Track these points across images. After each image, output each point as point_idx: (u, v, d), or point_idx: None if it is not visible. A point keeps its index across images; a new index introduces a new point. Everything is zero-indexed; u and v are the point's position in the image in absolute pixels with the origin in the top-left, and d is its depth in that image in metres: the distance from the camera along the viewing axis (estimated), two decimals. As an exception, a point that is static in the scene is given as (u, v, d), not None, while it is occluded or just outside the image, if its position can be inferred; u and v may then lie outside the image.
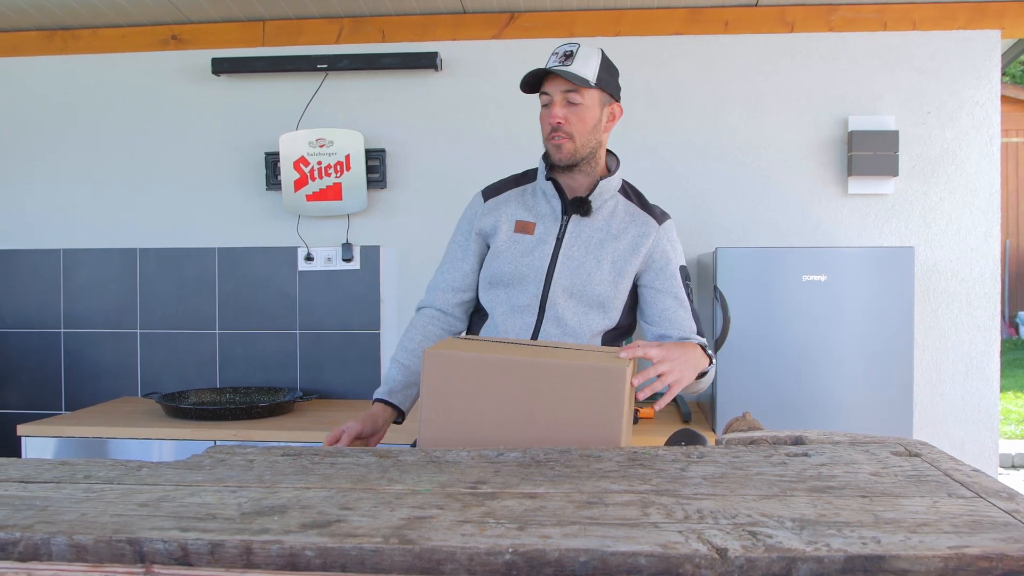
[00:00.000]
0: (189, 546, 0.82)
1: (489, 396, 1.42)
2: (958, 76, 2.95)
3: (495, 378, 1.42)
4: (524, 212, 1.88)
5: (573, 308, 1.80)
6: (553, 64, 1.76)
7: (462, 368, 1.43)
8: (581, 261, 1.82)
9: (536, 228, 1.85)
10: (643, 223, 1.86)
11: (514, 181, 1.95)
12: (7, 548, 0.84)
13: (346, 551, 0.81)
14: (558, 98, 1.77)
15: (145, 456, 2.55)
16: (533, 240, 1.84)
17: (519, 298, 1.82)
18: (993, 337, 2.96)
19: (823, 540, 0.83)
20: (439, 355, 1.44)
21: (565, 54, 1.76)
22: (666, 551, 0.80)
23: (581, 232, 1.84)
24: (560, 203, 1.86)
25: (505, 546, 0.80)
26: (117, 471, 1.10)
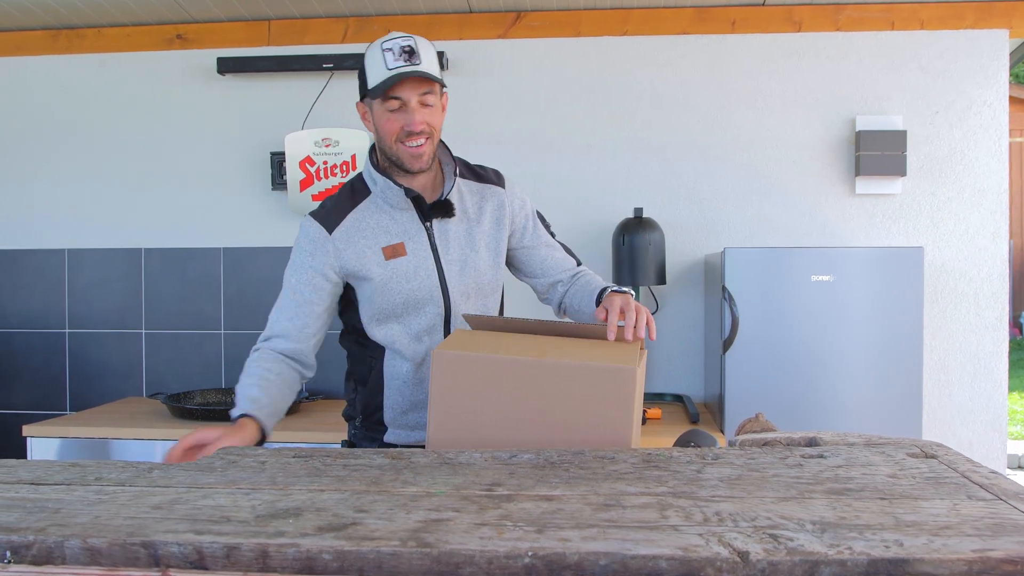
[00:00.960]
0: (204, 549, 0.81)
1: (498, 396, 1.41)
2: (966, 76, 2.94)
3: (504, 378, 1.41)
4: (382, 234, 1.70)
5: (471, 306, 1.76)
6: (400, 65, 1.58)
7: (471, 368, 1.42)
8: (463, 260, 1.75)
9: (407, 247, 1.70)
10: (491, 194, 1.80)
11: (348, 201, 1.74)
12: (20, 551, 0.83)
13: (363, 554, 0.80)
14: (415, 101, 1.61)
15: (152, 457, 2.55)
16: (410, 262, 1.70)
17: (419, 323, 1.73)
18: (1001, 337, 2.95)
19: (845, 543, 0.82)
20: (448, 355, 1.43)
21: (407, 50, 1.59)
22: (687, 554, 0.79)
23: (447, 231, 1.74)
24: (416, 210, 1.72)
25: (524, 549, 0.80)
26: (128, 473, 1.09)
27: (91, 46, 3.21)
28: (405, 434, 1.79)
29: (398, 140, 1.64)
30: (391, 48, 1.59)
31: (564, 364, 1.40)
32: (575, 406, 1.39)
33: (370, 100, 1.65)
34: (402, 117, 1.62)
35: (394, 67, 1.58)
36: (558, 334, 1.55)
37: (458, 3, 3.00)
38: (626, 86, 3.06)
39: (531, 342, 1.49)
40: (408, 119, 1.61)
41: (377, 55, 1.61)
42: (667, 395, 2.93)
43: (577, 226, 3.06)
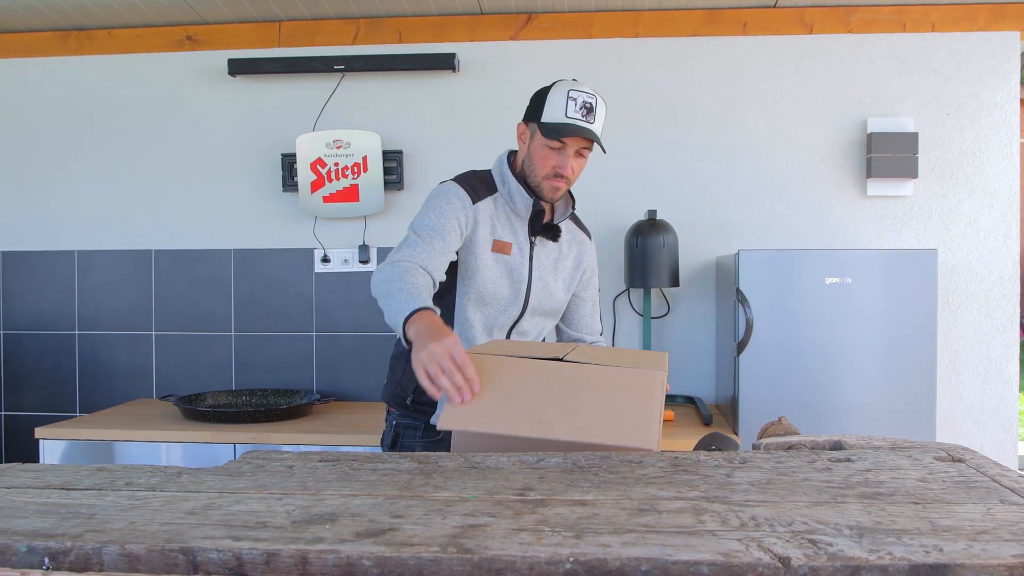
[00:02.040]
0: (244, 555, 0.81)
1: (524, 399, 1.41)
2: (977, 78, 2.94)
3: (531, 381, 1.41)
4: (499, 229, 1.86)
5: (534, 322, 1.92)
6: (577, 119, 1.76)
7: (498, 371, 1.42)
8: (547, 282, 1.91)
9: (512, 249, 1.86)
10: (581, 241, 2.00)
11: (484, 187, 1.88)
12: (58, 557, 0.83)
13: (404, 560, 0.80)
14: (572, 150, 1.80)
15: (159, 459, 2.55)
16: (511, 262, 1.86)
17: (497, 318, 1.86)
18: (1012, 339, 2.95)
19: (884, 548, 0.82)
20: (475, 359, 1.43)
21: (587, 107, 1.77)
22: (728, 560, 0.79)
23: (545, 253, 1.91)
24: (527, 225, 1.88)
25: (565, 555, 0.79)
26: (157, 478, 1.09)
27: (101, 47, 3.21)
28: None
29: (546, 177, 1.82)
30: (575, 98, 1.77)
31: (590, 368, 1.40)
32: (600, 410, 1.39)
33: (535, 127, 1.83)
34: (558, 158, 1.80)
35: (572, 117, 1.76)
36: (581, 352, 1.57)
37: (470, 5, 3.00)
38: (638, 88, 3.06)
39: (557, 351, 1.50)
40: (562, 163, 1.80)
41: (561, 97, 1.78)
42: (679, 397, 2.93)
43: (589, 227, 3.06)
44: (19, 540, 0.83)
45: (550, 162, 1.80)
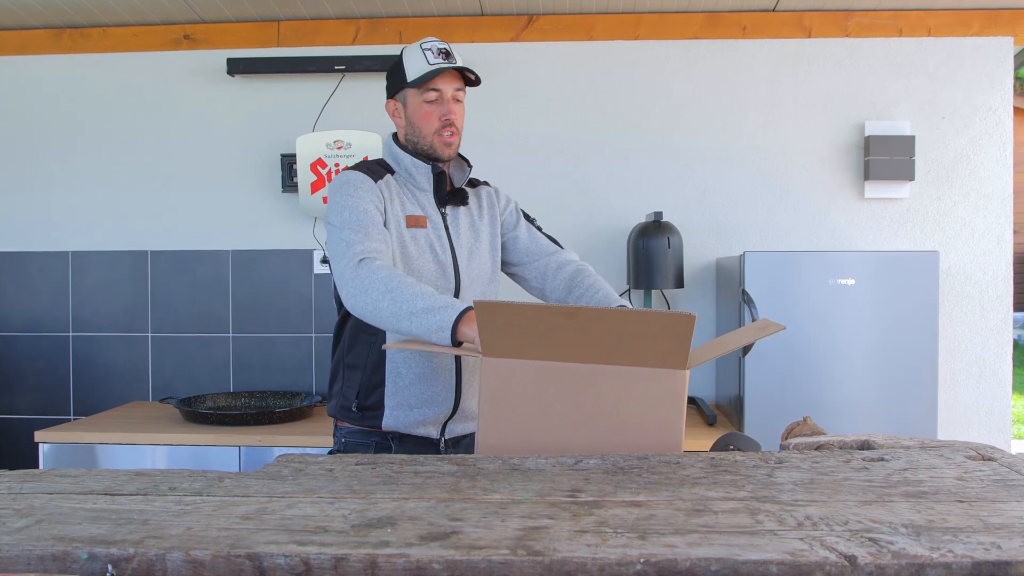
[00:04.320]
0: (312, 560, 0.80)
1: (549, 401, 1.41)
2: (971, 82, 2.99)
3: (555, 383, 1.41)
4: (408, 205, 1.81)
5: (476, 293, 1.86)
6: (439, 62, 1.74)
7: (522, 374, 1.42)
8: (471, 248, 1.86)
9: (427, 223, 1.80)
10: (486, 195, 1.94)
11: (381, 168, 1.83)
12: (120, 564, 0.82)
13: (474, 564, 0.80)
14: (450, 94, 1.77)
15: (165, 463, 2.52)
16: (429, 236, 1.80)
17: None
18: (1006, 340, 3.00)
19: (945, 546, 0.83)
20: (497, 362, 1.42)
21: (444, 51, 1.76)
22: (796, 559, 0.80)
23: (458, 219, 1.86)
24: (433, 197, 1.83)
25: (635, 556, 0.80)
26: (200, 482, 1.08)
27: (96, 46, 3.17)
28: (404, 414, 1.79)
29: (435, 132, 1.78)
30: (430, 48, 1.77)
31: (615, 369, 1.40)
32: (626, 409, 1.39)
33: (405, 95, 1.80)
34: (439, 108, 1.77)
35: (435, 63, 1.74)
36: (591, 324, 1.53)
37: (471, 6, 3.00)
38: (639, 90, 3.07)
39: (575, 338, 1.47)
40: (444, 111, 1.77)
41: (416, 53, 1.77)
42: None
43: (590, 229, 3.07)
44: (79, 547, 0.82)
45: (433, 116, 1.77)
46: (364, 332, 1.81)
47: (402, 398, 1.79)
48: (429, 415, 1.80)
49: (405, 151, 1.82)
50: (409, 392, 1.79)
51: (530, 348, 1.39)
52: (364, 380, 1.81)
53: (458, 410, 1.84)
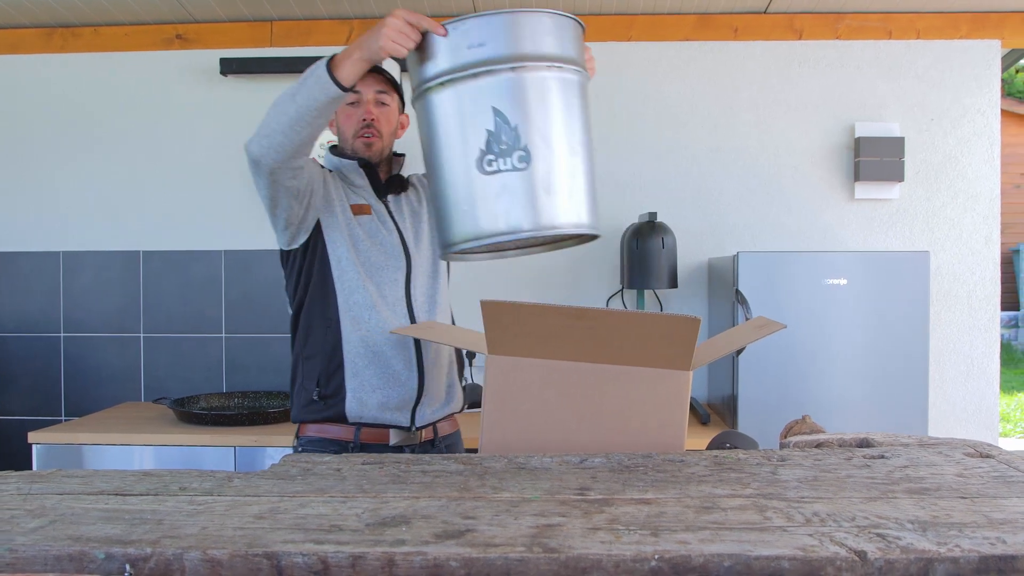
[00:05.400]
0: (329, 559, 0.81)
1: (554, 399, 1.42)
2: (960, 84, 3.03)
3: (561, 382, 1.42)
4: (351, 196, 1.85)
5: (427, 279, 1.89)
6: None
7: (526, 373, 1.43)
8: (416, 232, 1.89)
9: (371, 210, 1.85)
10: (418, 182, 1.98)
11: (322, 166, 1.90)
12: (138, 564, 0.82)
13: (491, 561, 0.80)
14: (370, 96, 1.82)
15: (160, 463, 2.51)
16: (375, 219, 1.84)
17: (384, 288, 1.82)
18: (993, 339, 3.04)
19: (951, 541, 0.85)
20: (504, 360, 1.43)
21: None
22: (807, 554, 0.81)
23: (400, 207, 1.90)
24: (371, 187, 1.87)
25: (649, 553, 0.81)
26: (210, 482, 1.08)
27: (87, 45, 3.15)
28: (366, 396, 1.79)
29: (355, 135, 1.83)
30: None
31: (621, 369, 1.41)
32: (631, 409, 1.41)
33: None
34: (358, 110, 1.82)
35: None
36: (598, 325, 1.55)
37: (464, 8, 3.01)
38: (632, 90, 3.09)
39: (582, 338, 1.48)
40: (362, 111, 1.82)
41: None
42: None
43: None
44: (95, 547, 0.82)
45: (353, 117, 1.82)
46: (318, 319, 1.81)
47: (363, 379, 1.79)
48: (392, 397, 1.80)
49: (341, 156, 1.88)
50: (369, 371, 1.79)
51: (536, 347, 1.40)
52: (323, 367, 1.81)
53: (424, 392, 1.83)
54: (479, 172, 1.37)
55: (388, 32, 1.41)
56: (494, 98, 1.36)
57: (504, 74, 1.36)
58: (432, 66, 1.39)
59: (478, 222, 1.39)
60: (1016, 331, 9.56)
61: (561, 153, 1.40)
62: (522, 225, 1.37)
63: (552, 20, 1.41)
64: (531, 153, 1.37)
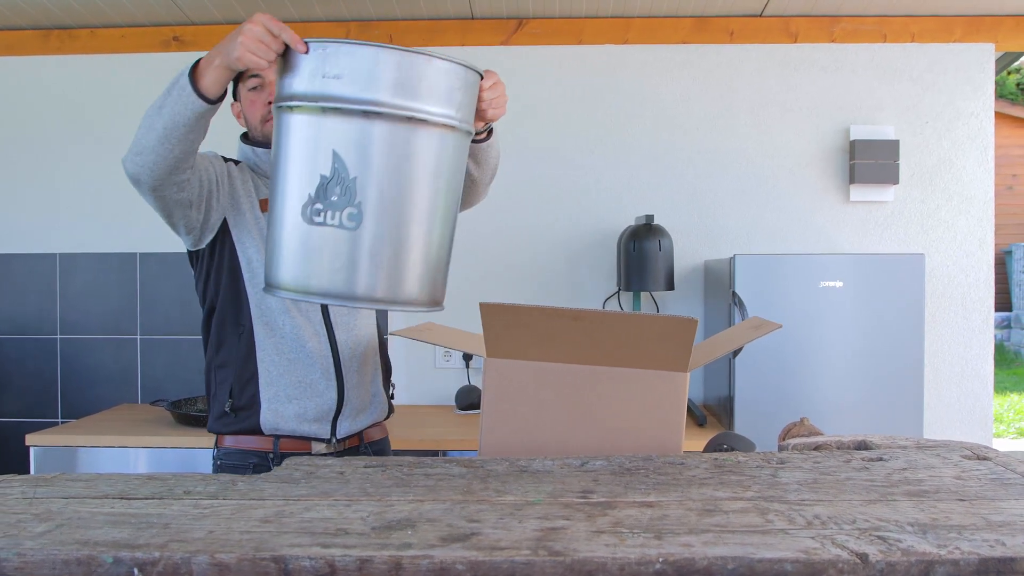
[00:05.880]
0: (337, 563, 0.82)
1: (552, 401, 1.43)
2: (954, 87, 3.05)
3: (559, 384, 1.43)
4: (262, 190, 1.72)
5: None
6: None
7: (524, 375, 1.44)
8: None
9: None
10: None
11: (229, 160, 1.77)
12: (146, 568, 0.82)
13: (497, 564, 0.81)
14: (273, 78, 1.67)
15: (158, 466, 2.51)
16: None
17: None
18: (987, 340, 3.06)
19: (951, 543, 0.86)
20: (499, 363, 1.44)
21: None
22: (809, 557, 0.82)
23: None
24: None
25: (654, 556, 0.82)
26: (214, 486, 1.08)
27: (83, 47, 3.14)
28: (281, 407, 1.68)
29: (263, 120, 1.71)
30: None
31: (618, 371, 1.42)
32: (629, 411, 1.41)
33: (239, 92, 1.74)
34: (262, 95, 1.70)
35: None
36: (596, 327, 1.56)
37: (461, 9, 3.02)
38: (628, 94, 3.10)
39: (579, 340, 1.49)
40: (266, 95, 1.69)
41: None
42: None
43: (580, 231, 3.10)
44: (103, 551, 0.83)
45: (257, 103, 1.71)
46: (231, 325, 1.70)
47: (278, 388, 1.68)
48: (309, 408, 1.69)
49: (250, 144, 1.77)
50: (284, 381, 1.68)
51: (534, 349, 1.41)
52: (236, 376, 1.69)
53: (344, 402, 1.72)
54: (304, 220, 1.21)
55: (245, 41, 1.26)
56: (338, 140, 1.20)
57: (355, 117, 1.19)
58: (287, 84, 1.24)
59: (295, 273, 1.23)
60: (1008, 332, 9.61)
61: (399, 219, 1.24)
62: (337, 290, 1.22)
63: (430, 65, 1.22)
64: (363, 213, 1.20)
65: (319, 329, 1.70)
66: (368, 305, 1.25)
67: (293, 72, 1.23)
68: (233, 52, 1.29)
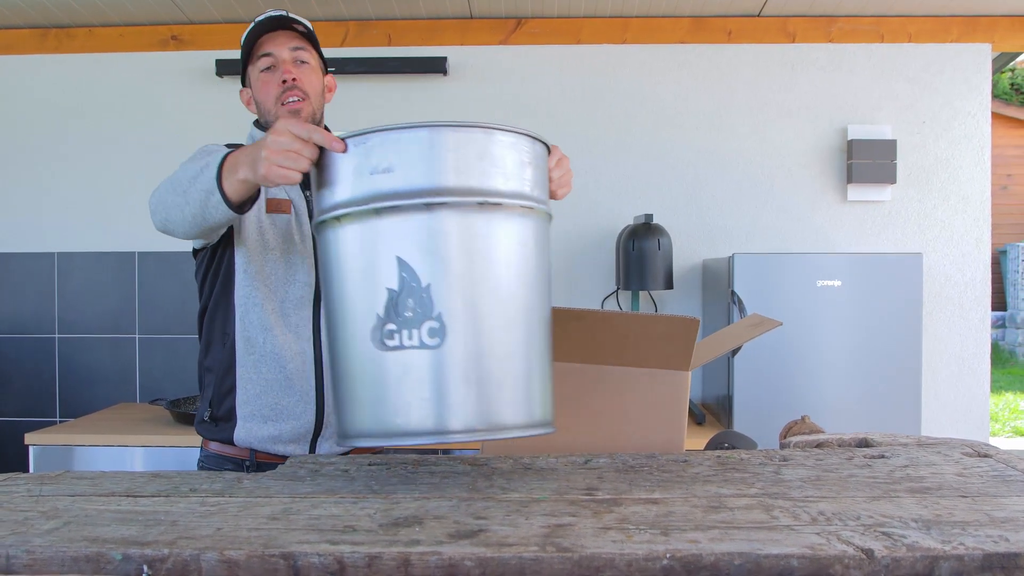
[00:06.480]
0: (345, 559, 0.82)
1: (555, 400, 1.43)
2: (951, 88, 3.06)
3: (561, 383, 1.43)
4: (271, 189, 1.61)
5: None
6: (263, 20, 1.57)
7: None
8: None
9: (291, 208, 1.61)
10: None
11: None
12: (155, 565, 0.82)
13: (506, 560, 0.82)
14: (286, 56, 1.58)
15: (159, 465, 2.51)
16: (291, 221, 1.60)
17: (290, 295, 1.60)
18: (984, 339, 3.08)
19: (956, 539, 0.87)
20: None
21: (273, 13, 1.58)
22: (815, 552, 0.83)
23: None
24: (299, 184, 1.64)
25: (661, 552, 0.82)
26: (220, 483, 1.08)
27: (81, 46, 3.14)
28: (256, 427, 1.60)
29: (277, 101, 1.58)
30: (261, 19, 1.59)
31: (621, 370, 1.43)
32: (631, 410, 1.42)
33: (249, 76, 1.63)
34: (275, 75, 1.58)
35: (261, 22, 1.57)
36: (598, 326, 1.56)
37: (460, 9, 3.02)
38: (626, 93, 3.11)
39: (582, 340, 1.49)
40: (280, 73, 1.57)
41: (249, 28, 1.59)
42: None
43: (578, 232, 3.10)
44: (112, 548, 0.83)
45: (271, 83, 1.58)
46: (218, 331, 1.63)
47: (253, 407, 1.60)
48: (284, 430, 1.60)
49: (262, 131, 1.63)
50: (260, 402, 1.60)
51: None
52: (216, 386, 1.62)
53: (324, 425, 1.63)
54: (376, 347, 1.01)
55: (271, 155, 1.10)
56: (400, 244, 1.01)
57: (416, 213, 1.00)
58: (328, 193, 1.06)
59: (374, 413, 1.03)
60: (1003, 331, 9.65)
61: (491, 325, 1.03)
62: (428, 425, 1.01)
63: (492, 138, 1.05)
64: (446, 325, 1.00)
65: (305, 347, 1.60)
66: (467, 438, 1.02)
67: (333, 176, 1.05)
68: (259, 168, 1.13)
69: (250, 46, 1.58)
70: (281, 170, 1.10)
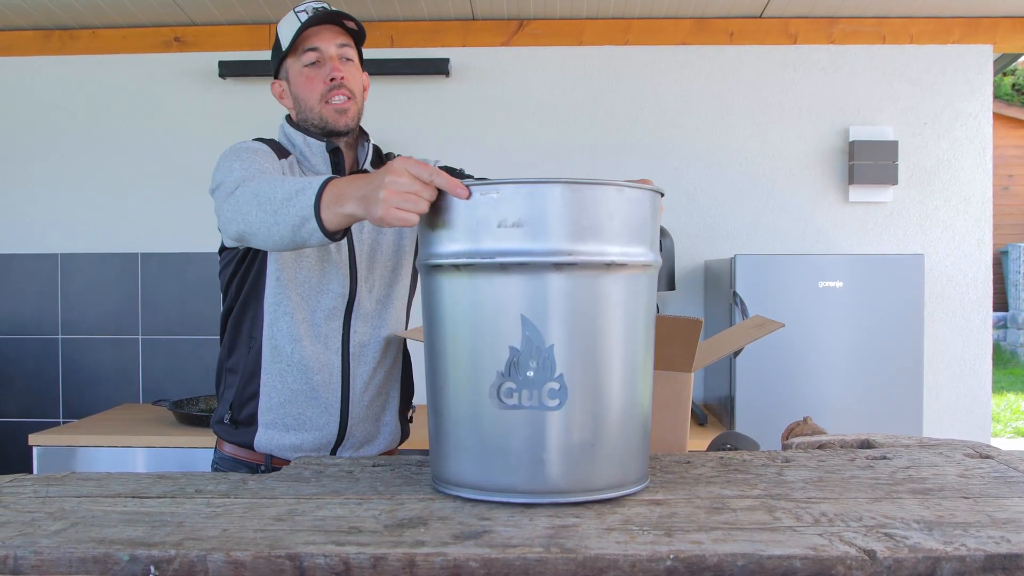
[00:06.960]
0: (351, 560, 0.82)
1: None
2: (952, 89, 3.06)
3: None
4: None
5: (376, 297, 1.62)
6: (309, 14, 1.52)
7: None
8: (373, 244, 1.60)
9: None
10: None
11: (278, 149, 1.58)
12: (162, 565, 0.83)
13: (510, 561, 0.82)
14: (332, 52, 1.53)
15: (163, 466, 2.51)
16: None
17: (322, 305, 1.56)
18: (985, 340, 3.08)
19: (957, 540, 0.87)
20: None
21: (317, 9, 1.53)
22: (818, 553, 0.83)
23: None
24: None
25: (665, 552, 0.83)
26: (225, 484, 1.09)
27: (85, 47, 3.15)
28: (277, 435, 1.57)
29: (322, 99, 1.54)
30: (303, 9, 1.54)
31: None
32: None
33: (286, 69, 1.59)
34: (321, 71, 1.53)
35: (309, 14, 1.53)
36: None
37: (462, 10, 3.02)
38: (628, 94, 3.11)
39: None
40: (327, 70, 1.53)
41: (290, 19, 1.54)
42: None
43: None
44: (119, 549, 0.84)
45: (316, 79, 1.53)
46: (244, 335, 1.58)
47: (276, 415, 1.57)
48: (307, 440, 1.57)
49: (298, 130, 1.59)
50: (283, 411, 1.56)
51: None
52: (239, 389, 1.58)
53: (347, 436, 1.60)
54: (492, 403, 1.00)
55: (389, 197, 1.04)
56: (525, 302, 0.99)
57: (544, 272, 0.98)
58: (446, 238, 1.02)
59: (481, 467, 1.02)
60: (1004, 332, 9.65)
61: (609, 386, 1.02)
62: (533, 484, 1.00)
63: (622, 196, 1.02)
64: (566, 387, 0.99)
65: (333, 359, 1.57)
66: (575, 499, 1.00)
67: (453, 222, 1.02)
68: (375, 210, 1.06)
69: (293, 38, 1.53)
70: (400, 212, 1.04)
